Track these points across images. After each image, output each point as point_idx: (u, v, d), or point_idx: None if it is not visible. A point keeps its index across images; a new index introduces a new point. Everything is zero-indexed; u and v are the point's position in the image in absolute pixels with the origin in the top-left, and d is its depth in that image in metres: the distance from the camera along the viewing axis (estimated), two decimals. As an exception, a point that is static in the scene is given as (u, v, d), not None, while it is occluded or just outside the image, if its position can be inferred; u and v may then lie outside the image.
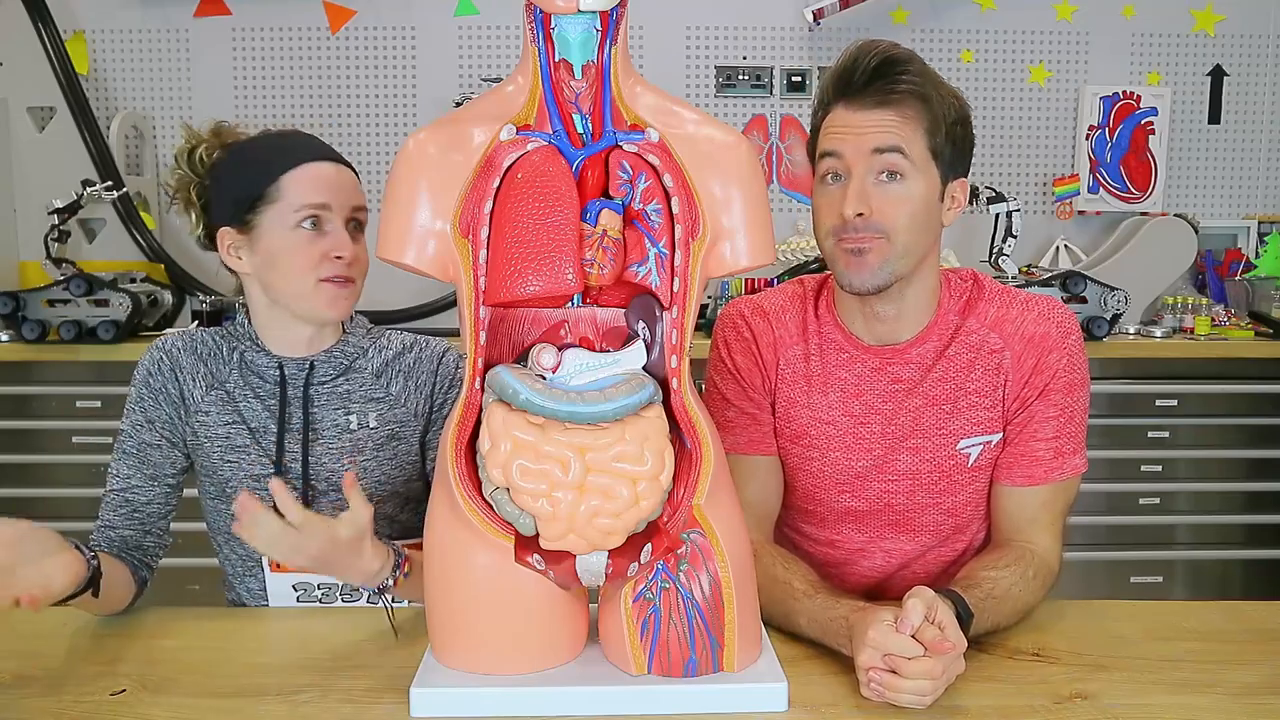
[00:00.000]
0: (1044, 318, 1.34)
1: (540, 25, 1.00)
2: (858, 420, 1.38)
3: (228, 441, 1.39)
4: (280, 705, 1.07)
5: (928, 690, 1.03)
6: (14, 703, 1.08)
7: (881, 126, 1.25)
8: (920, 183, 1.27)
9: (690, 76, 3.39)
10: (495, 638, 1.07)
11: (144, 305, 2.92)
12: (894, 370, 1.37)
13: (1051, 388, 1.33)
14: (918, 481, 1.38)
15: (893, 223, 1.26)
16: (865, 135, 1.26)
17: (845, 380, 1.38)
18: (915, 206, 1.27)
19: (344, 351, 1.41)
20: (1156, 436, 2.93)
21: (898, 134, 1.25)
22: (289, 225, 1.32)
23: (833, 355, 1.39)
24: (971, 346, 1.35)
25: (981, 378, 1.35)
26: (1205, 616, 1.30)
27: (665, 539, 1.03)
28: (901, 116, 1.26)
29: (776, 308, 1.44)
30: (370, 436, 1.40)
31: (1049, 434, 1.34)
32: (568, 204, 1.00)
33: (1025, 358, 1.33)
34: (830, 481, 1.41)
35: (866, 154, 1.26)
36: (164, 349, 1.41)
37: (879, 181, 1.26)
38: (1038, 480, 1.34)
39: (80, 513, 2.86)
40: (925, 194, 1.28)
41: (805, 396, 1.40)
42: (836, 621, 1.14)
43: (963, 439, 1.36)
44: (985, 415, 1.35)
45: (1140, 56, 3.42)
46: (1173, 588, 2.99)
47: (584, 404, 0.99)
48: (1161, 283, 3.24)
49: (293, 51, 3.35)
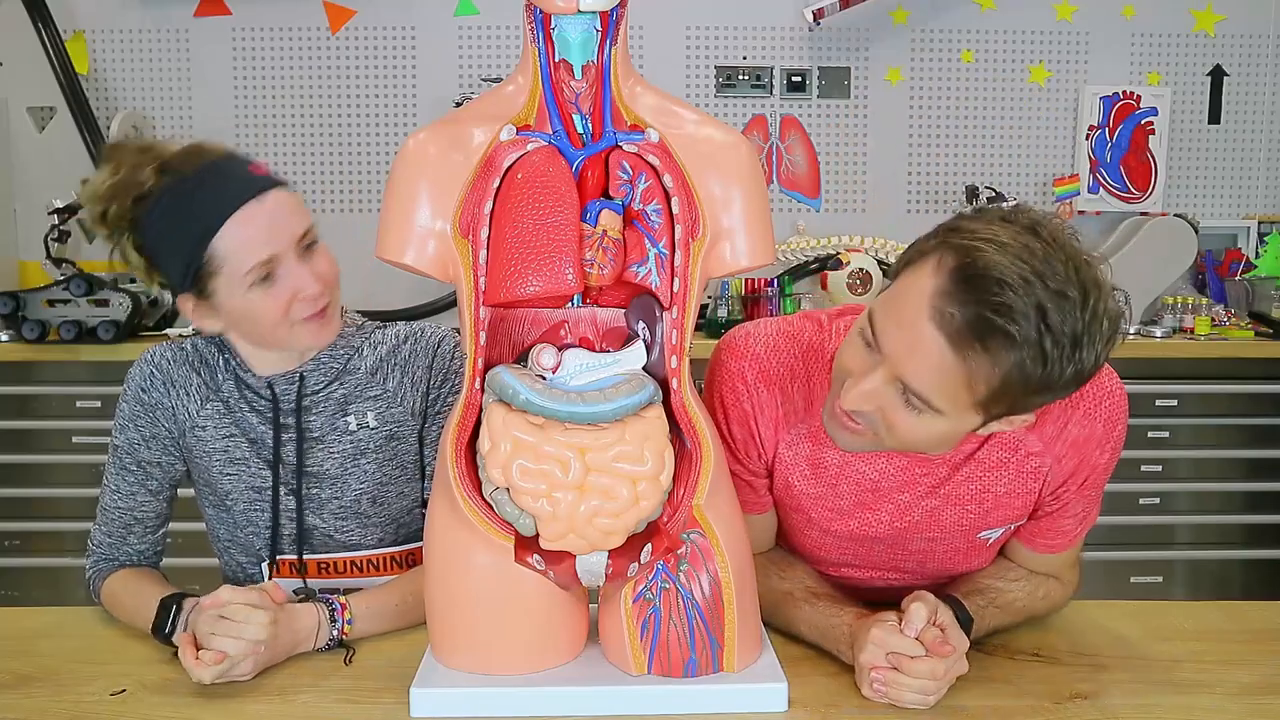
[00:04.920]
0: (1090, 417, 1.16)
1: (540, 25, 1.00)
2: (868, 508, 1.23)
3: (226, 455, 1.36)
4: (280, 705, 1.07)
5: (931, 690, 1.03)
6: (14, 703, 1.08)
7: (925, 361, 0.99)
8: (948, 420, 1.04)
9: (690, 76, 3.38)
10: (495, 638, 1.07)
11: (144, 305, 2.91)
12: (918, 469, 1.20)
13: (1091, 480, 1.21)
14: (929, 557, 1.28)
15: (894, 438, 1.07)
16: (904, 360, 1.01)
17: (862, 473, 1.21)
18: (931, 434, 1.06)
19: (334, 356, 1.36)
20: (1156, 436, 2.93)
21: (939, 385, 1.00)
22: (243, 288, 1.23)
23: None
24: (1005, 446, 1.18)
25: (1014, 480, 1.19)
26: (1205, 616, 1.30)
27: (665, 539, 1.03)
28: (965, 369, 0.98)
29: (785, 370, 1.21)
30: (370, 437, 1.37)
31: (1078, 511, 1.24)
32: (568, 204, 1.00)
33: (1067, 461, 1.18)
34: (831, 550, 1.29)
35: (891, 377, 1.02)
36: (153, 362, 1.37)
37: (899, 396, 1.03)
38: (1058, 549, 1.27)
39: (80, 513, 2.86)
40: (951, 428, 1.06)
41: (808, 483, 1.23)
42: (838, 629, 1.14)
43: (984, 530, 1.24)
44: (1014, 513, 1.23)
45: (1140, 56, 3.42)
46: (1173, 588, 2.99)
47: (584, 404, 0.99)
48: (1161, 283, 3.24)
49: (293, 51, 3.35)
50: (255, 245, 1.22)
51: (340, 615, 1.20)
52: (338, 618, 1.20)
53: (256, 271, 1.23)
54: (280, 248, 1.23)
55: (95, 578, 1.36)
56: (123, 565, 1.37)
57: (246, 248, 1.22)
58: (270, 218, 1.23)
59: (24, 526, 2.87)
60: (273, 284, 1.24)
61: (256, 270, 1.22)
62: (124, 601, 1.30)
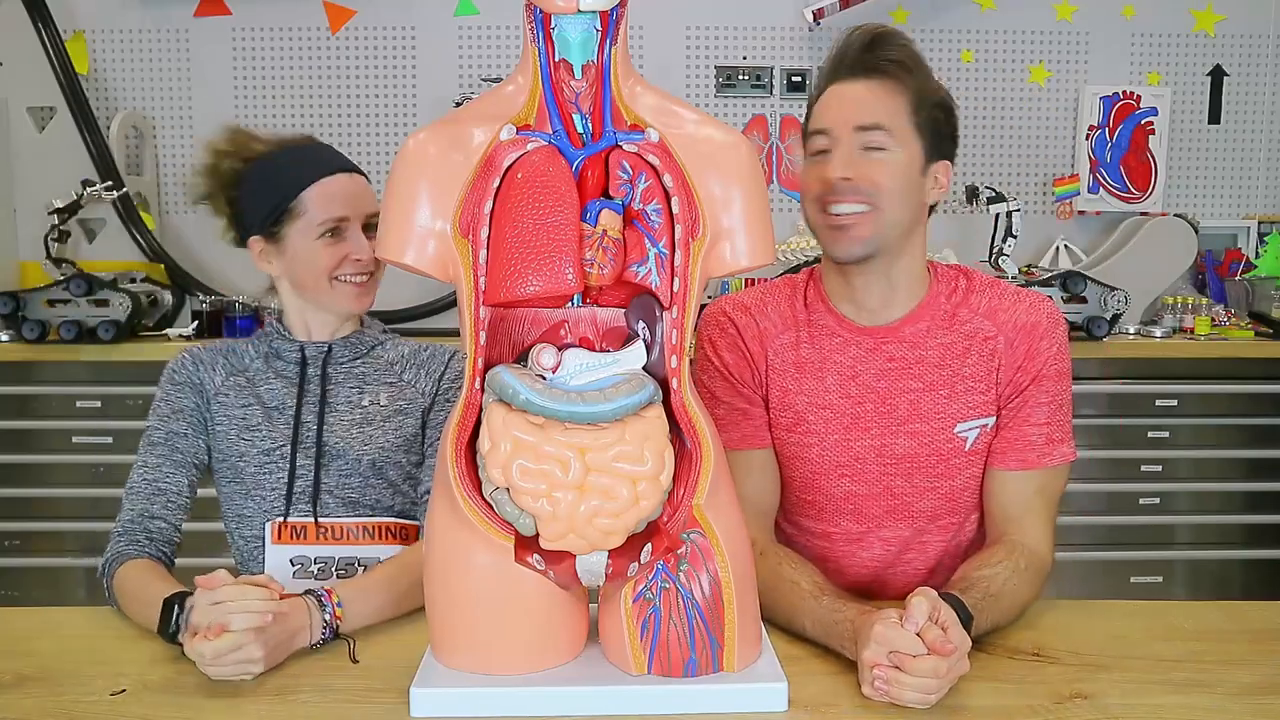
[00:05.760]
0: (1034, 309, 1.39)
1: (540, 25, 1.00)
2: (855, 402, 1.39)
3: (244, 421, 1.49)
4: (280, 705, 1.07)
5: (932, 689, 1.03)
6: (14, 703, 1.08)
7: (866, 100, 1.32)
8: (902, 154, 1.32)
9: (690, 76, 3.39)
10: (495, 638, 1.07)
11: (144, 305, 2.92)
12: (888, 350, 1.39)
13: (1043, 374, 1.37)
14: (916, 465, 1.39)
15: (877, 186, 1.31)
16: (849, 110, 1.33)
17: (840, 363, 1.40)
18: (897, 172, 1.32)
19: (360, 340, 1.54)
20: (1156, 436, 2.93)
21: (881, 107, 1.32)
22: (312, 236, 1.46)
23: (825, 339, 1.41)
24: (966, 334, 1.38)
25: (976, 363, 1.38)
26: (1205, 616, 1.30)
27: (665, 539, 1.03)
28: (885, 89, 1.32)
29: (759, 302, 1.45)
30: (380, 412, 1.51)
31: (1041, 419, 1.37)
32: (568, 204, 1.00)
33: (1018, 344, 1.37)
34: (829, 467, 1.41)
35: (850, 129, 1.32)
36: (188, 350, 1.55)
37: (863, 152, 1.32)
38: (1031, 465, 1.37)
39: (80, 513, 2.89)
40: (907, 164, 1.33)
41: (798, 383, 1.41)
42: (841, 624, 1.14)
43: (960, 422, 1.38)
44: (981, 399, 1.38)
45: (1140, 56, 3.42)
46: (1173, 588, 2.99)
47: (584, 404, 0.99)
48: (1161, 283, 3.24)
49: (293, 51, 3.35)
50: (336, 204, 1.47)
51: (329, 600, 1.21)
52: (326, 603, 1.21)
53: (328, 224, 1.46)
54: (352, 214, 1.48)
55: (112, 561, 1.36)
56: (141, 551, 1.38)
57: (329, 202, 1.47)
58: (351, 189, 1.49)
59: (24, 526, 2.86)
60: (337, 240, 1.47)
61: (329, 223, 1.46)
62: (132, 592, 1.30)
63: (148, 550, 1.38)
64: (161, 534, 1.41)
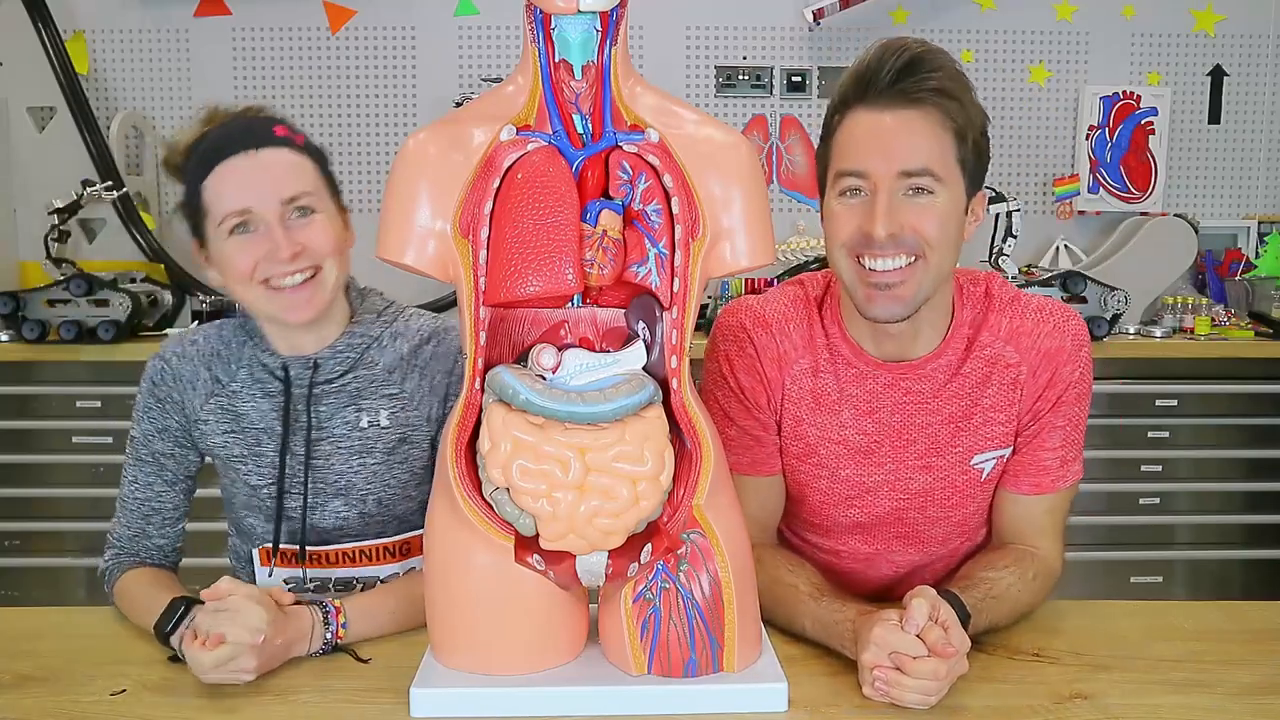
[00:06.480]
0: (1059, 331, 1.30)
1: (540, 25, 1.00)
2: (870, 438, 1.33)
3: (225, 451, 1.37)
4: (280, 705, 1.07)
5: (933, 690, 1.03)
6: (14, 703, 1.08)
7: (907, 139, 1.17)
8: (947, 196, 1.19)
9: (690, 76, 3.39)
10: (495, 638, 1.07)
11: (144, 305, 2.92)
12: (907, 385, 1.31)
13: (1064, 399, 1.30)
14: (930, 498, 1.35)
15: (923, 237, 1.18)
16: (891, 151, 1.17)
17: (857, 396, 1.32)
18: (945, 220, 1.19)
19: (350, 345, 1.35)
20: (1156, 436, 2.93)
21: (926, 148, 1.17)
22: (222, 237, 1.25)
23: (843, 371, 1.32)
24: (987, 360, 1.30)
25: (996, 393, 1.30)
26: (1205, 616, 1.30)
27: (665, 539, 1.03)
28: (927, 123, 1.17)
29: (779, 317, 1.34)
30: (381, 437, 1.35)
31: (1056, 444, 1.32)
32: (568, 204, 1.00)
33: (1041, 373, 1.30)
34: (840, 498, 1.37)
35: (894, 175, 1.17)
36: (164, 358, 1.38)
37: (904, 197, 1.18)
38: (1045, 489, 1.33)
39: (80, 513, 2.88)
40: (953, 207, 1.20)
41: (814, 415, 1.33)
42: (842, 625, 1.14)
43: (977, 454, 1.32)
44: (999, 430, 1.32)
45: (1140, 56, 3.42)
46: (1173, 588, 2.99)
47: (584, 404, 0.99)
48: (1161, 283, 3.24)
49: (293, 51, 3.35)
50: (234, 193, 1.24)
51: (334, 619, 1.20)
52: (331, 620, 1.19)
53: (231, 220, 1.24)
54: (257, 203, 1.24)
55: (113, 569, 1.36)
56: (142, 562, 1.37)
57: (225, 193, 1.24)
58: (255, 172, 1.24)
59: (24, 526, 2.86)
60: (247, 236, 1.25)
61: (231, 219, 1.24)
62: (137, 599, 1.29)
63: (149, 560, 1.38)
64: (160, 550, 1.39)
